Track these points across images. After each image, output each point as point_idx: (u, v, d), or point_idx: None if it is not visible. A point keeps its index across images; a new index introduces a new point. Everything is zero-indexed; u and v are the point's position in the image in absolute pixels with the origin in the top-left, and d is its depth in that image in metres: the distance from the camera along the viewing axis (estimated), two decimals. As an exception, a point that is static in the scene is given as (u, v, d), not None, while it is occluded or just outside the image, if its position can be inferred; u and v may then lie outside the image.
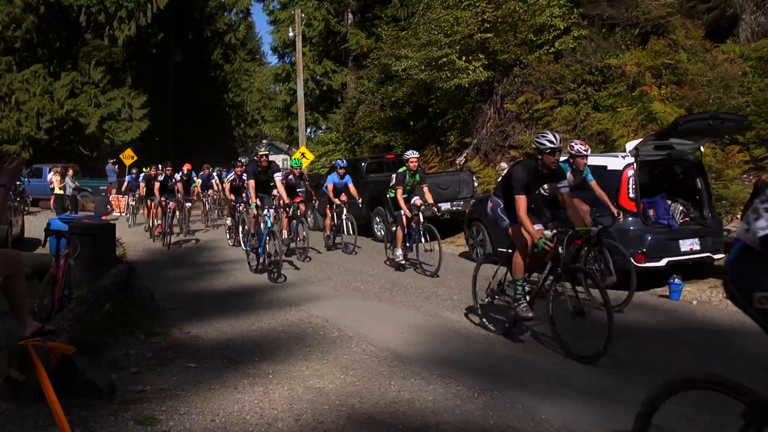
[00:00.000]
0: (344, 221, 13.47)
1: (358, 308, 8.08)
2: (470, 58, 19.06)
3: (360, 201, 13.59)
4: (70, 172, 23.62)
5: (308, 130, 38.59)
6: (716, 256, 9.23)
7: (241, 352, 6.19)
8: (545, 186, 7.34)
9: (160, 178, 16.54)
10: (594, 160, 9.57)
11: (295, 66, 31.72)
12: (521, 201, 6.15)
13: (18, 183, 23.25)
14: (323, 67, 35.17)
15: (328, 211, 13.88)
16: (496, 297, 6.84)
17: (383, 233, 14.10)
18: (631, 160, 9.09)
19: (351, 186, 13.56)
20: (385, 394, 4.91)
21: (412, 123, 24.13)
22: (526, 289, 6.42)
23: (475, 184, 15.61)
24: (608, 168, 9.31)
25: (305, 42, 35.43)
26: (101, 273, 8.19)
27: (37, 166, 28.81)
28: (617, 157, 9.47)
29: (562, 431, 4.22)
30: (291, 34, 29.79)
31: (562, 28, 18.44)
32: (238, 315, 7.77)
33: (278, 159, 32.22)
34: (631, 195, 9.00)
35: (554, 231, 6.24)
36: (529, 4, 18.66)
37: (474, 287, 7.17)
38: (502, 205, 6.67)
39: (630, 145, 9.28)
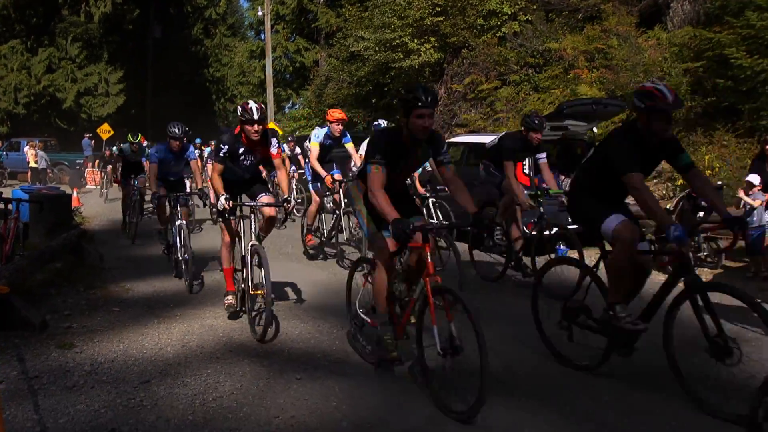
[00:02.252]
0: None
1: (278, 269, 9.16)
2: (422, 40, 20.20)
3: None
4: (41, 145, 24.60)
5: (288, 105, 39.73)
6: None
7: (161, 301, 7.37)
8: None
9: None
10: (484, 139, 10.83)
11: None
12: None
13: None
14: (296, 45, 36.23)
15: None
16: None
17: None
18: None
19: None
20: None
21: (374, 101, 25.23)
22: None
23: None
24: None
25: (279, 19, 36.46)
26: (56, 238, 9.36)
27: (15, 140, 29.81)
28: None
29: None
30: (260, 13, 30.69)
31: (510, 13, 19.58)
32: (170, 274, 8.94)
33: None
34: (526, 171, 10.20)
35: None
36: (479, -11, 19.77)
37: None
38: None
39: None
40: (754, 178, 8.28)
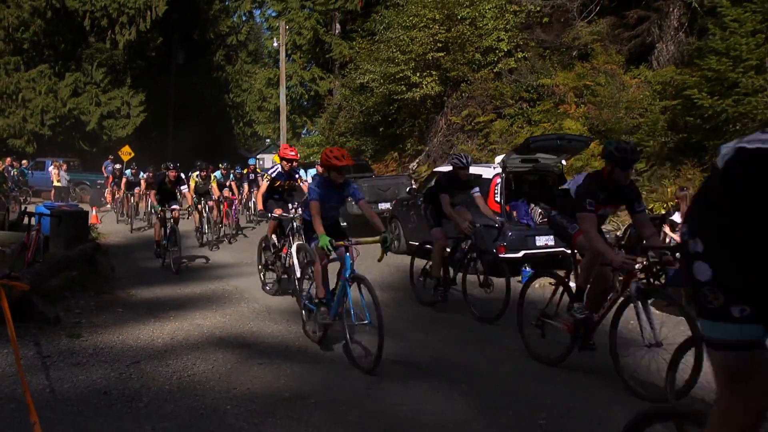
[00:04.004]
0: None
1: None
2: (424, 74, 21.40)
3: None
4: (64, 166, 26.03)
5: (303, 131, 41.08)
6: (569, 251, 11.41)
7: (161, 305, 8.47)
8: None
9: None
10: (471, 170, 11.90)
11: (286, 72, 34.04)
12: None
13: (20, 176, 25.80)
14: (311, 74, 37.58)
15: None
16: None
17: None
18: (499, 170, 11.33)
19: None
20: (241, 330, 7.21)
21: (381, 130, 26.41)
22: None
23: (413, 186, 17.82)
24: (483, 176, 11.53)
25: (296, 49, 37.89)
26: (73, 249, 10.54)
27: (40, 159, 31.34)
28: (490, 167, 11.71)
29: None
30: (275, 44, 32.07)
31: (506, 50, 20.74)
32: (173, 283, 10.08)
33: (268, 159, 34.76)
34: (497, 199, 11.21)
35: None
36: (477, 27, 20.94)
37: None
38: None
39: (498, 159, 11.55)
40: (677, 218, 9.30)
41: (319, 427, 4.48)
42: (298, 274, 7.57)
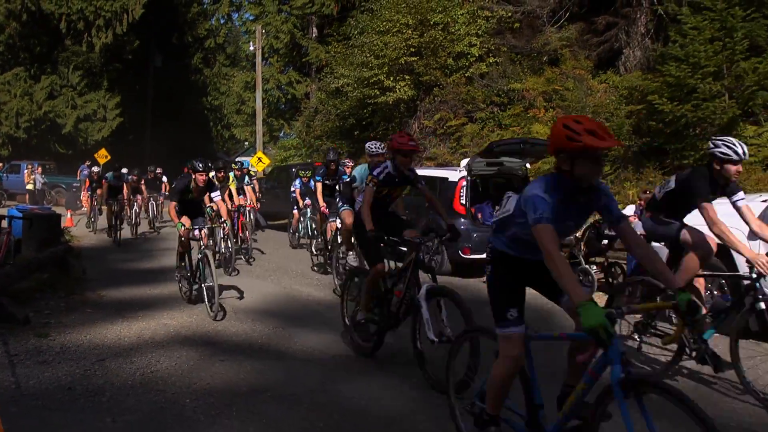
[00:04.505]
0: None
1: (239, 284, 10.55)
2: (397, 78, 21.70)
3: None
4: (39, 169, 26.05)
5: (281, 134, 41.24)
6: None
7: (130, 305, 8.65)
8: None
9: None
10: (438, 173, 12.22)
11: (262, 75, 34.19)
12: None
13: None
14: (288, 77, 37.76)
15: None
16: None
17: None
18: (464, 173, 11.62)
19: None
20: (206, 329, 7.42)
21: (356, 133, 26.65)
22: None
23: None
24: (448, 179, 11.83)
25: (273, 53, 38.08)
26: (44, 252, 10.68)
27: (15, 162, 31.31)
28: (455, 170, 12.00)
29: (308, 350, 6.71)
30: (251, 48, 32.23)
31: (477, 55, 21.09)
32: (143, 285, 10.24)
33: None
34: (462, 201, 11.50)
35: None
36: (450, 32, 21.28)
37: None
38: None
39: (464, 162, 11.84)
40: (630, 209, 9.67)
41: (273, 419, 4.73)
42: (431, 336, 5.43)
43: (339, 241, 10.16)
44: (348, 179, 10.17)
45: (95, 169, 19.63)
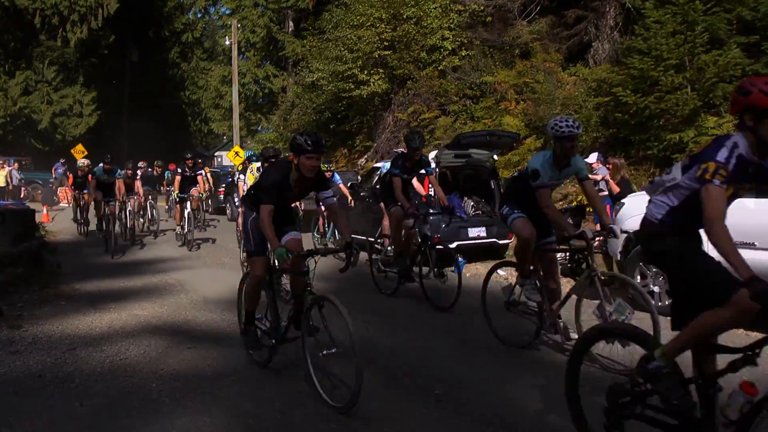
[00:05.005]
0: None
1: (209, 275, 10.77)
2: (371, 72, 21.93)
3: None
4: (15, 165, 26.04)
5: (258, 128, 41.34)
6: (501, 242, 12.00)
7: (103, 297, 8.84)
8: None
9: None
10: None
11: (239, 69, 34.28)
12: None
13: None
14: (265, 71, 37.89)
15: None
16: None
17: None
18: (433, 165, 11.85)
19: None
20: (176, 318, 7.64)
21: (332, 127, 26.84)
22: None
23: (358, 179, 18.27)
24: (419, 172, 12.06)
25: (250, 47, 38.16)
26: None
27: (-10, 158, 31.21)
28: (424, 163, 12.23)
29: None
30: (227, 42, 32.30)
31: (450, 48, 21.36)
32: (116, 277, 10.43)
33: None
34: (431, 192, 11.76)
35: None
36: (423, 26, 21.52)
37: None
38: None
39: (432, 154, 12.08)
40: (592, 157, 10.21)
41: (236, 400, 4.96)
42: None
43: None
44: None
45: (83, 162, 16.66)
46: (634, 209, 7.97)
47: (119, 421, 4.56)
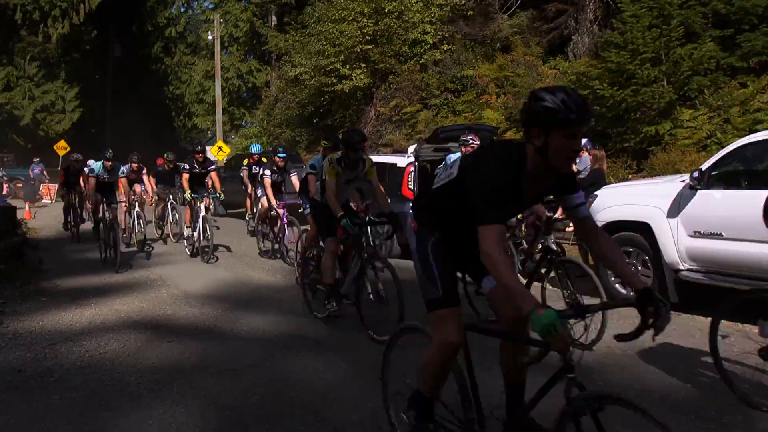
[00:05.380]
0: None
1: (192, 270, 10.84)
2: (353, 66, 22.03)
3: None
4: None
5: (243, 123, 41.32)
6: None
7: (84, 293, 8.91)
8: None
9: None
10: (387, 159, 12.59)
11: (222, 64, 34.25)
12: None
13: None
14: (248, 66, 37.85)
15: None
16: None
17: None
18: (412, 159, 11.99)
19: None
20: (157, 313, 7.73)
21: (315, 121, 26.95)
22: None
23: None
24: (397, 165, 12.21)
25: (233, 41, 38.09)
26: (1, 244, 10.88)
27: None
28: (403, 156, 12.38)
29: (252, 330, 7.05)
30: (210, 37, 32.28)
31: (432, 42, 21.50)
32: (98, 273, 10.50)
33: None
34: (410, 186, 11.89)
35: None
36: (404, 20, 21.64)
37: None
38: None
39: (411, 149, 12.22)
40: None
41: (212, 391, 5.06)
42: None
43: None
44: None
45: (76, 155, 15.07)
46: (607, 202, 8.13)
47: (97, 413, 4.65)
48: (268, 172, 11.64)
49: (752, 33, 13.42)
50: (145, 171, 14.69)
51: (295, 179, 11.62)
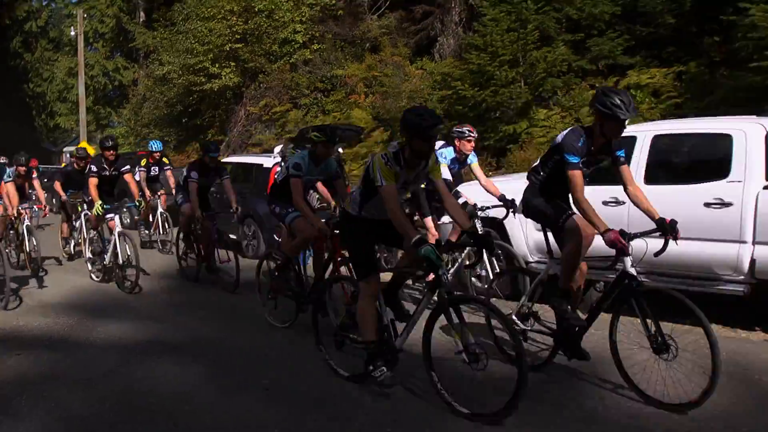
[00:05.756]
0: None
1: (50, 279, 10.44)
2: (222, 65, 21.78)
3: None
4: None
5: (109, 122, 39.85)
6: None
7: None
8: None
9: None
10: (253, 160, 12.56)
11: (87, 61, 32.94)
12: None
13: None
14: (115, 63, 36.58)
15: None
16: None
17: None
18: (278, 159, 11.99)
19: None
20: (4, 325, 7.43)
21: (184, 121, 26.41)
22: None
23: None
24: (263, 166, 12.20)
25: (98, 38, 36.69)
26: None
27: None
28: (270, 157, 12.38)
29: (108, 338, 6.89)
30: (72, 33, 31.01)
31: (301, 42, 21.54)
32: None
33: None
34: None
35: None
36: (274, 19, 21.57)
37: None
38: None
39: (277, 149, 12.24)
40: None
41: (65, 401, 4.95)
42: None
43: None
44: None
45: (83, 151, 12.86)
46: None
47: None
48: (195, 174, 9.31)
49: (600, 38, 14.29)
50: (35, 175, 12.11)
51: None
